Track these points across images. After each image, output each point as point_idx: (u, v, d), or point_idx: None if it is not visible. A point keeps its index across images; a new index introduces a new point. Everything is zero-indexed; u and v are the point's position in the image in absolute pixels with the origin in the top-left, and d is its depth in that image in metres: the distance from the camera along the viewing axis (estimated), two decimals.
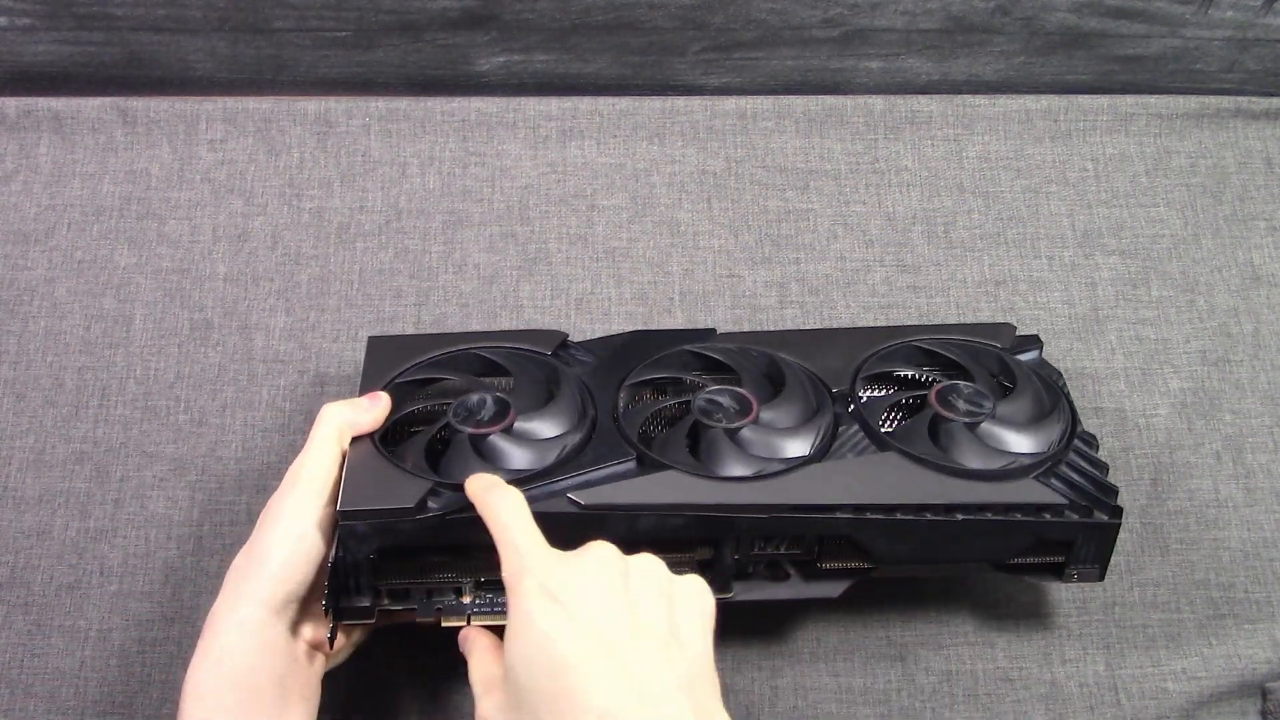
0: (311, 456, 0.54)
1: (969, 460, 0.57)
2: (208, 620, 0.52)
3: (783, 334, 0.66)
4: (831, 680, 0.63)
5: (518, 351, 0.62)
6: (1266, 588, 0.66)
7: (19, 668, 0.62)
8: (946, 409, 0.58)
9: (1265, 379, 0.72)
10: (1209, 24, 0.79)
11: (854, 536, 0.56)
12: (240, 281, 0.73)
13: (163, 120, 0.78)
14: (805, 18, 0.78)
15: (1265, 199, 0.78)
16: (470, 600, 0.57)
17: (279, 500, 0.53)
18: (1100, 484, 0.56)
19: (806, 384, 0.60)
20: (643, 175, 0.78)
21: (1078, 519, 0.55)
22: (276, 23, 0.78)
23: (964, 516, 0.55)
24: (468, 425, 0.57)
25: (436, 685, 0.62)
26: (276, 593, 0.52)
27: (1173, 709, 0.63)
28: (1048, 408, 0.60)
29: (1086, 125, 0.80)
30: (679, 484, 0.55)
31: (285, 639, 0.52)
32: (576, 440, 0.57)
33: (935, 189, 0.78)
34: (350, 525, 0.53)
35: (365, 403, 0.57)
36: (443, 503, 0.54)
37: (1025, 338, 0.64)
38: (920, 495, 0.55)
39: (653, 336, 0.64)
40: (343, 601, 0.55)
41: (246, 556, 0.53)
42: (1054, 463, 0.57)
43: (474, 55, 0.80)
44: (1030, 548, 0.57)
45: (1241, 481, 0.69)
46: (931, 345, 0.63)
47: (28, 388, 0.70)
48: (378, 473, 0.55)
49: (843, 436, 0.58)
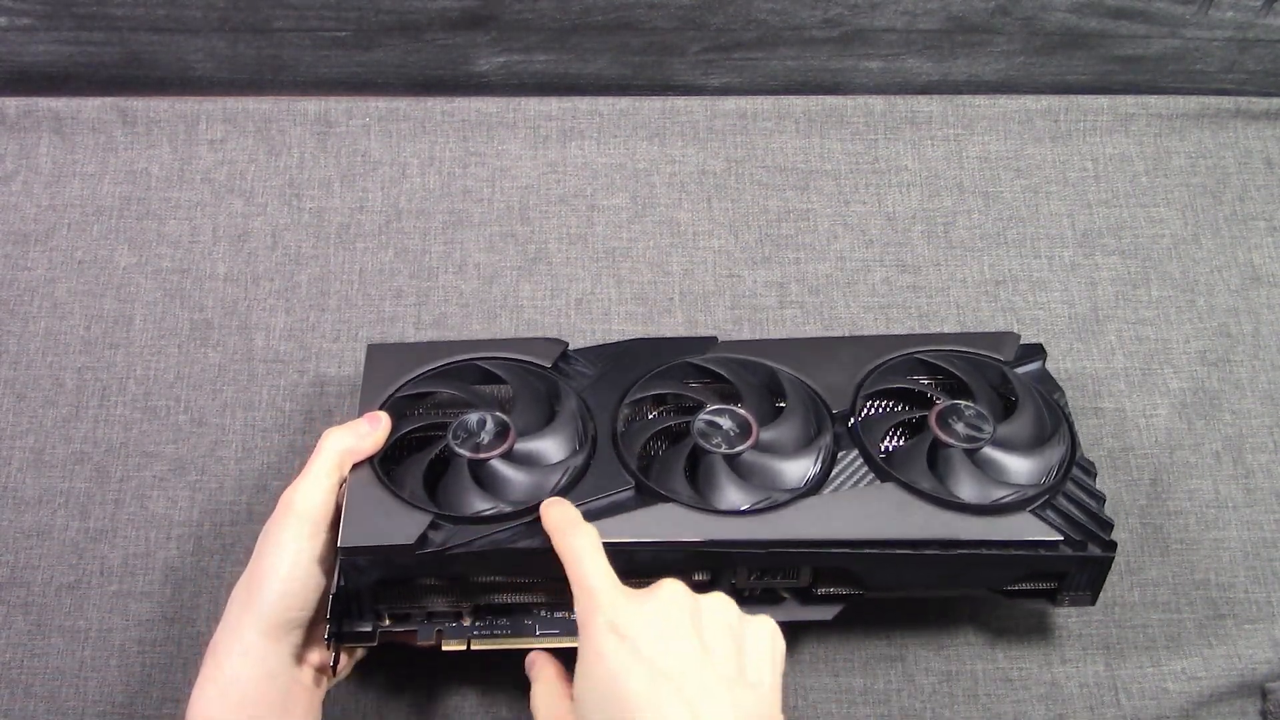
0: (309, 484, 0.54)
1: (967, 490, 0.57)
2: (210, 647, 0.52)
3: (783, 343, 0.66)
4: (831, 680, 0.63)
5: (519, 364, 0.62)
6: (1266, 588, 0.66)
7: (19, 668, 0.62)
8: (946, 433, 0.58)
9: (1265, 379, 0.72)
10: (1209, 24, 0.79)
11: (850, 568, 0.57)
12: (240, 281, 0.73)
13: (163, 120, 0.78)
14: (805, 18, 0.78)
15: (1265, 199, 0.78)
16: (470, 623, 0.57)
17: (276, 528, 0.53)
18: (1097, 517, 0.57)
19: (807, 403, 0.60)
20: (643, 175, 0.78)
21: (1072, 553, 0.56)
22: (276, 23, 0.78)
23: (961, 551, 0.56)
24: (467, 448, 0.57)
25: (435, 705, 0.62)
26: (278, 622, 0.52)
27: (1173, 709, 0.63)
28: (1048, 431, 0.60)
29: (1086, 125, 0.80)
30: (677, 518, 0.55)
31: (289, 665, 0.53)
32: (577, 463, 0.57)
33: (935, 189, 0.78)
34: (351, 560, 0.54)
35: (365, 427, 0.57)
36: (443, 537, 0.54)
37: (1029, 347, 0.64)
38: (918, 530, 0.55)
39: (653, 345, 0.64)
40: (345, 627, 0.56)
41: (247, 586, 0.53)
42: (1052, 493, 0.57)
43: (474, 55, 0.80)
44: (1025, 575, 0.58)
45: (1241, 481, 0.69)
46: (933, 358, 0.63)
47: (28, 388, 0.70)
48: (378, 505, 0.55)
49: (842, 462, 0.58)
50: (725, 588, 0.57)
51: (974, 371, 0.62)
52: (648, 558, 0.55)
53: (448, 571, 0.55)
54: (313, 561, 0.53)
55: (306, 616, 0.54)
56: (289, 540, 0.53)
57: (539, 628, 0.57)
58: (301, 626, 0.54)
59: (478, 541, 0.54)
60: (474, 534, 0.54)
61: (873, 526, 0.55)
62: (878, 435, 0.60)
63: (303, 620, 0.54)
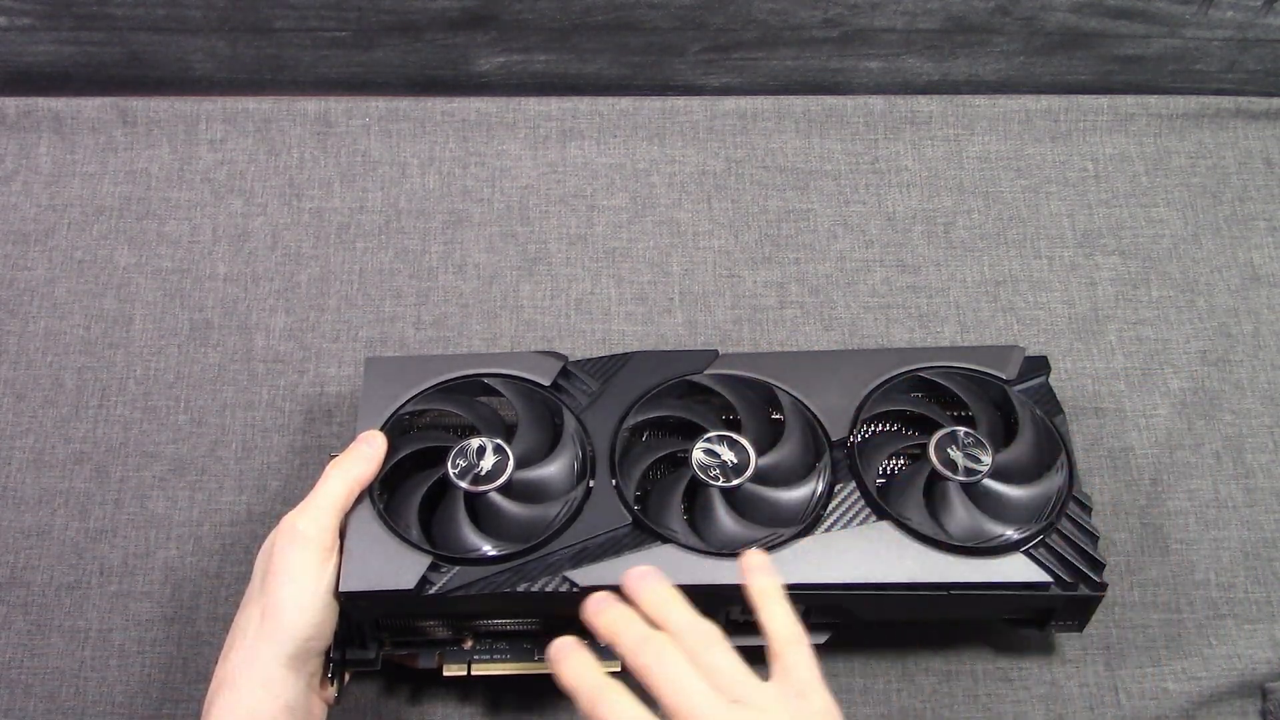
0: (316, 512, 0.54)
1: (962, 526, 0.58)
2: (226, 674, 0.52)
3: (784, 357, 0.65)
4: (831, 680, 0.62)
5: (519, 382, 0.61)
6: (1266, 588, 0.66)
7: (19, 668, 0.62)
8: (944, 464, 0.58)
9: (1265, 379, 0.72)
10: (1209, 24, 0.79)
11: (844, 605, 0.57)
12: (240, 281, 0.73)
13: (163, 120, 0.78)
14: (805, 18, 0.78)
15: (1265, 199, 0.78)
16: (471, 647, 0.58)
17: (285, 557, 0.53)
18: (1089, 557, 0.57)
19: (805, 429, 0.60)
20: (643, 175, 0.78)
21: (1062, 593, 0.57)
22: (276, 23, 0.78)
23: (954, 593, 0.56)
24: (466, 479, 0.57)
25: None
26: (297, 652, 0.52)
27: (1173, 709, 0.63)
28: (1047, 462, 0.60)
29: (1086, 125, 0.80)
30: (674, 560, 0.55)
31: (305, 695, 0.53)
32: (575, 497, 0.57)
33: (935, 189, 0.78)
34: (352, 602, 0.54)
35: (365, 450, 0.57)
36: (443, 580, 0.54)
37: (1033, 360, 0.64)
38: (911, 574, 0.56)
39: (654, 359, 0.63)
40: (348, 654, 0.57)
41: (261, 616, 0.53)
42: (1046, 532, 0.57)
43: (474, 55, 0.80)
44: (1014, 611, 0.60)
45: (1241, 481, 0.69)
46: (935, 375, 0.62)
47: (28, 388, 0.70)
48: (377, 545, 0.55)
49: (839, 496, 0.58)
50: (720, 622, 0.57)
51: (976, 391, 0.62)
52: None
53: (448, 612, 0.56)
54: (328, 591, 0.53)
55: (324, 645, 0.54)
56: (301, 571, 0.53)
57: (537, 653, 0.58)
58: (319, 655, 0.54)
59: (478, 584, 0.55)
60: (474, 575, 0.55)
61: (867, 570, 0.56)
62: (876, 461, 0.60)
63: (320, 649, 0.54)
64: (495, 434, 0.58)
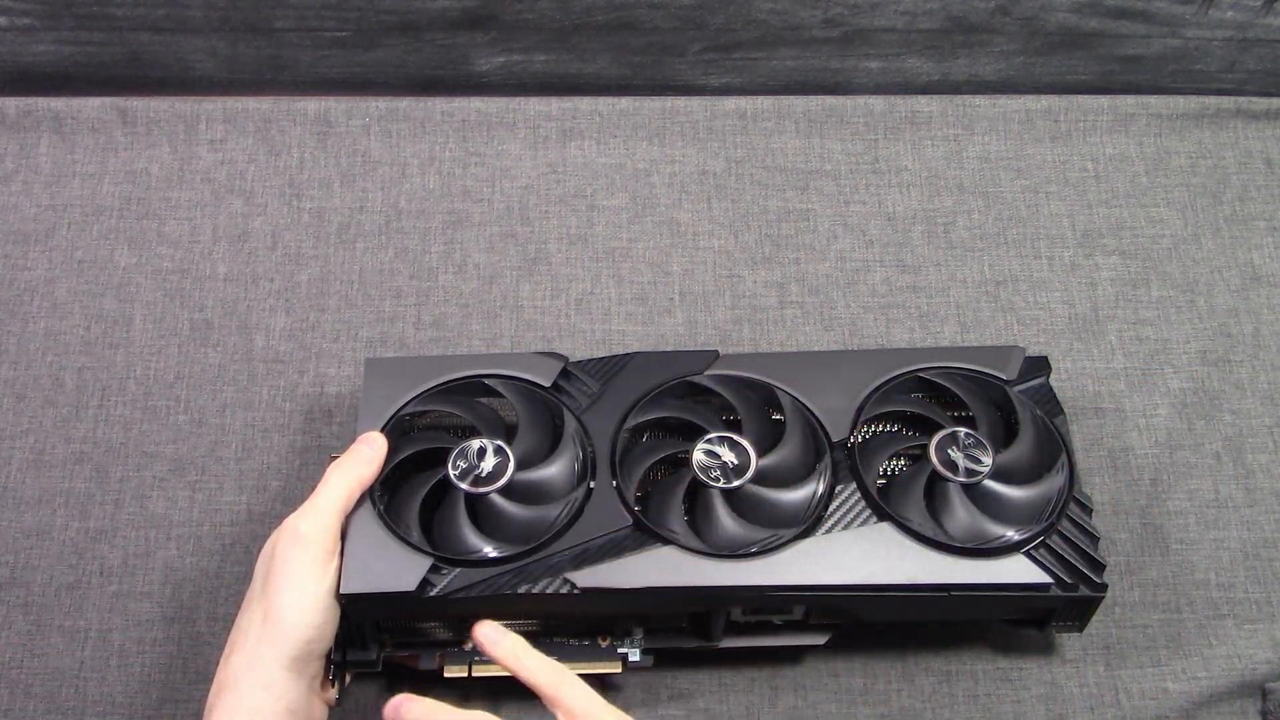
0: (317, 514, 0.54)
1: (963, 527, 0.58)
2: (227, 677, 0.52)
3: (784, 358, 0.65)
4: (831, 680, 0.63)
5: (520, 383, 0.61)
6: (1266, 588, 0.66)
7: (19, 668, 0.62)
8: (945, 465, 0.59)
9: (1265, 379, 0.72)
10: (1209, 24, 0.80)
11: (844, 606, 0.58)
12: (240, 281, 0.73)
13: (163, 120, 0.78)
14: (805, 18, 0.78)
15: (1265, 199, 0.78)
16: (472, 648, 0.58)
17: (287, 560, 0.53)
18: (1090, 558, 0.57)
19: (806, 430, 0.60)
20: (643, 175, 0.78)
21: (1062, 594, 0.57)
22: (276, 23, 0.78)
23: (955, 594, 0.56)
24: (466, 480, 0.57)
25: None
26: (300, 655, 0.52)
27: (1173, 709, 0.63)
28: (1047, 462, 0.60)
29: (1086, 125, 0.80)
30: (675, 562, 0.56)
31: (306, 697, 0.54)
32: (576, 498, 0.57)
33: (935, 189, 0.78)
34: (353, 604, 0.54)
35: (366, 451, 0.57)
36: (444, 582, 0.55)
37: (1034, 360, 0.64)
38: (912, 575, 0.56)
39: (655, 360, 0.63)
40: (349, 655, 0.57)
41: (262, 619, 0.53)
42: (1047, 533, 0.58)
43: (474, 55, 0.80)
44: (1015, 612, 0.60)
45: (1241, 481, 0.69)
46: (935, 376, 0.62)
47: (28, 388, 0.70)
48: (377, 547, 0.55)
49: (840, 497, 0.58)
50: (719, 621, 0.58)
51: (976, 392, 0.62)
52: (646, 600, 0.56)
53: (449, 613, 0.56)
54: (329, 593, 0.53)
55: (326, 647, 0.54)
56: (302, 573, 0.53)
57: None
58: (321, 657, 0.54)
59: (479, 586, 0.55)
60: (475, 577, 0.55)
61: (868, 571, 0.56)
62: (877, 462, 0.60)
63: (322, 651, 0.54)
64: (496, 435, 0.59)
